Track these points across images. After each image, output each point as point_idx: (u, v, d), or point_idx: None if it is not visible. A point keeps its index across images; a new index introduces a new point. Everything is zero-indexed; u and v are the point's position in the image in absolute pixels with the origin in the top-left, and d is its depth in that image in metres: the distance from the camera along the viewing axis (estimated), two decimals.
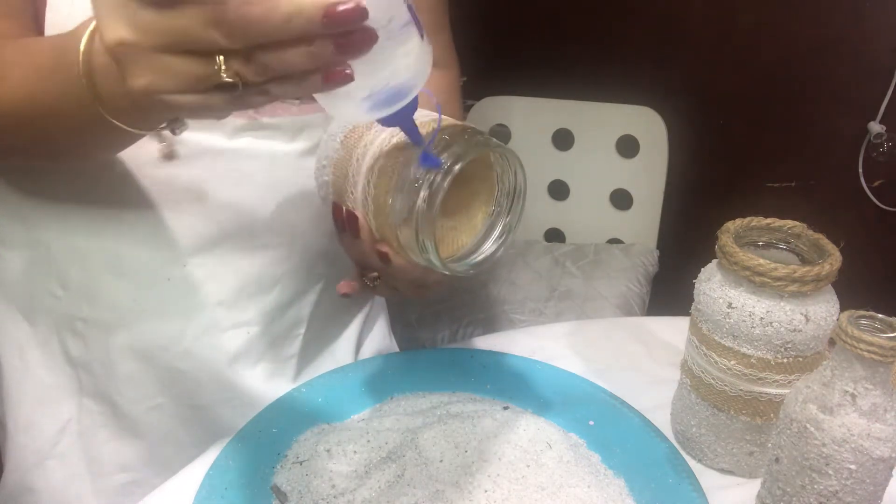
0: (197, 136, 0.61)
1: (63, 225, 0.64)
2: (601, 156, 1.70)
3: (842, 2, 1.55)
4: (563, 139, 1.72)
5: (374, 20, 0.34)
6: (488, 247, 0.51)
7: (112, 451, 0.71)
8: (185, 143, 0.61)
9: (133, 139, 0.49)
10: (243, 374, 0.70)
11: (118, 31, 0.35)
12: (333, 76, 0.35)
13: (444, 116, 0.48)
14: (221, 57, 0.35)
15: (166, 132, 0.47)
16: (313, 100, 0.40)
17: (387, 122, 0.43)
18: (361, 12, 0.33)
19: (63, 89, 0.44)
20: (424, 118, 0.48)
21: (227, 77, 0.35)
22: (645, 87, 1.66)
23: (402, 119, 0.43)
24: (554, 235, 1.80)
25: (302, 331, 0.74)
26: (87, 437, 0.70)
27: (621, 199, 1.71)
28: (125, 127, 0.44)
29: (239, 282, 0.67)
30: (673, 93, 1.64)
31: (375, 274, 0.55)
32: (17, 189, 0.64)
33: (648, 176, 1.67)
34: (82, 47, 0.41)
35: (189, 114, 0.39)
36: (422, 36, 0.39)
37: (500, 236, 0.51)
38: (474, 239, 0.51)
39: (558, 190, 1.76)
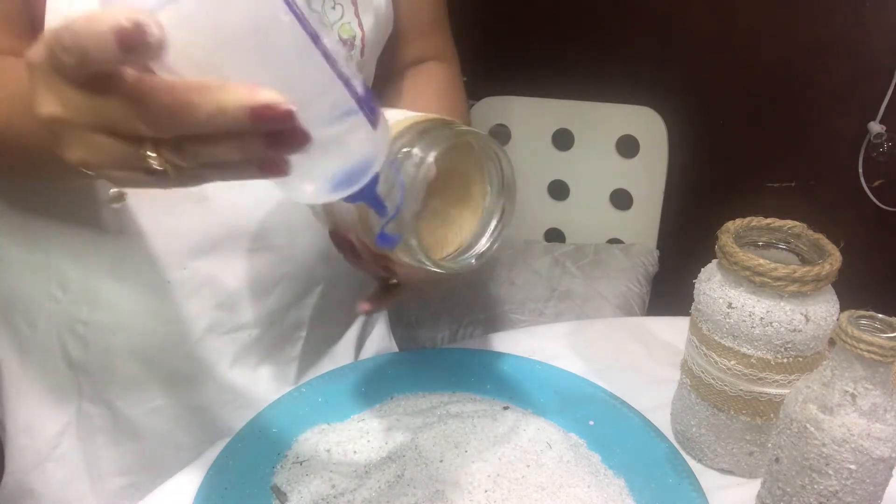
0: None
1: (62, 228, 0.64)
2: (601, 156, 1.70)
3: (842, 2, 1.55)
4: (563, 139, 1.72)
5: (313, 112, 0.33)
6: (485, 241, 0.50)
7: (111, 454, 0.71)
8: None
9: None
10: (244, 377, 0.70)
11: (50, 106, 0.34)
12: (269, 168, 0.34)
13: (424, 114, 0.47)
14: (148, 144, 0.34)
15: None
16: None
17: (349, 199, 0.40)
18: (288, 115, 0.31)
19: (30, 121, 0.44)
20: (399, 116, 0.47)
21: (156, 164, 0.34)
22: (645, 87, 1.66)
23: (366, 195, 0.40)
24: (554, 235, 1.80)
25: (303, 333, 0.74)
26: (86, 439, 0.70)
27: (621, 199, 1.71)
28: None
29: (239, 284, 0.67)
30: (673, 93, 1.64)
31: (395, 280, 0.56)
32: (16, 193, 0.64)
33: (648, 176, 1.67)
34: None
35: (127, 186, 0.38)
36: (374, 125, 0.37)
37: (495, 228, 0.50)
38: (470, 234, 0.51)
39: (558, 190, 1.76)
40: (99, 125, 0.34)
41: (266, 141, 0.32)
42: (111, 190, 0.46)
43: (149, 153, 0.34)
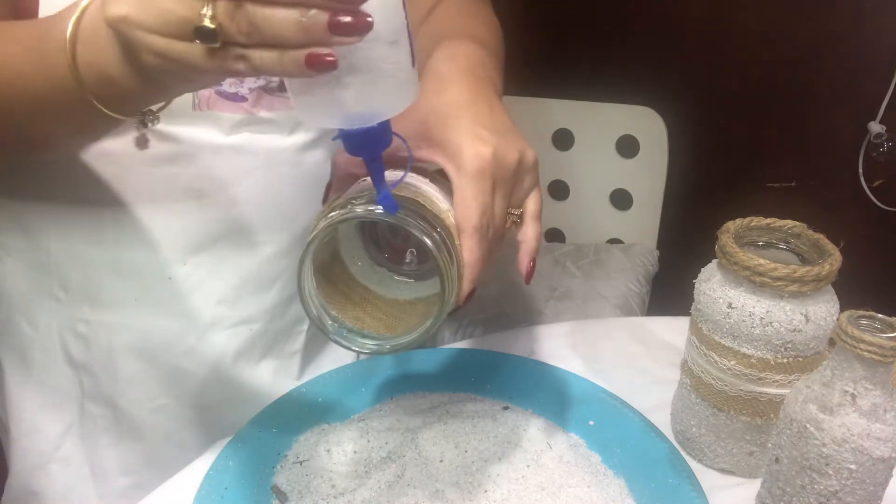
0: (194, 132, 0.61)
1: (62, 227, 0.64)
2: (601, 156, 1.70)
3: (842, 2, 1.55)
4: (563, 139, 1.72)
5: (376, 33, 0.34)
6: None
7: (115, 454, 0.70)
8: (183, 141, 0.61)
9: (111, 125, 0.48)
10: (247, 372, 0.70)
11: None
12: (316, 59, 0.34)
13: (416, 185, 0.47)
14: (209, 2, 0.34)
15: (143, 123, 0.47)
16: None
17: (352, 146, 0.40)
18: None
19: (45, 70, 0.43)
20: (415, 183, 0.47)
21: (209, 23, 0.34)
22: (645, 87, 1.65)
23: (370, 147, 0.40)
24: (554, 235, 1.80)
25: (304, 327, 0.74)
26: (89, 440, 0.70)
27: (621, 199, 1.71)
28: (102, 108, 0.43)
29: (240, 279, 0.67)
30: (673, 93, 1.64)
31: None
32: (16, 192, 0.64)
33: (648, 176, 1.67)
34: (70, 25, 0.41)
35: (161, 65, 0.37)
36: (413, 64, 0.38)
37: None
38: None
39: (558, 190, 1.76)
40: None
41: (329, 20, 0.33)
42: (136, 133, 0.45)
43: (206, 10, 0.34)
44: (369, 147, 0.40)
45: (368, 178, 0.48)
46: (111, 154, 0.60)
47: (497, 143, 0.49)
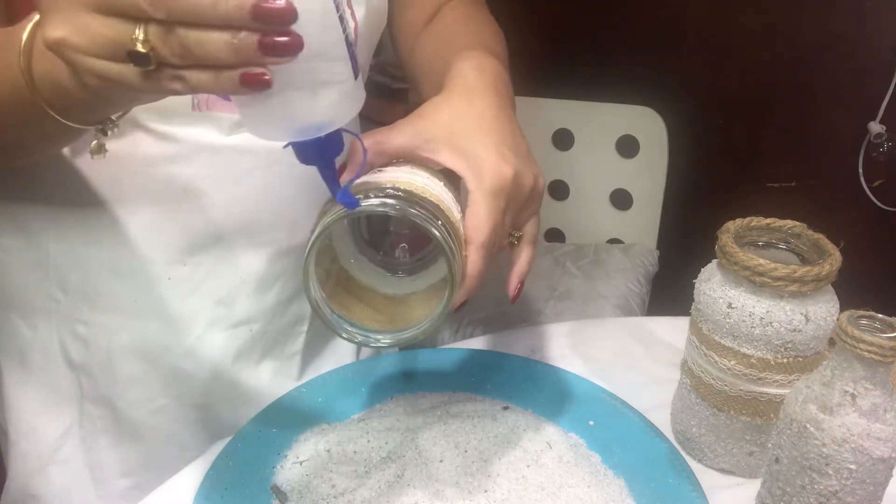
0: (193, 132, 0.61)
1: (61, 228, 0.64)
2: (601, 156, 1.70)
3: (842, 2, 1.55)
4: (563, 139, 1.72)
5: (308, 46, 0.34)
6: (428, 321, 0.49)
7: (114, 455, 0.70)
8: (181, 141, 0.60)
9: (73, 133, 0.48)
10: (247, 373, 0.70)
11: None
12: (250, 78, 0.34)
13: (389, 175, 0.47)
14: (141, 26, 0.34)
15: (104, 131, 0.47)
16: None
17: (304, 156, 0.41)
18: (292, 12, 0.32)
19: (5, 79, 0.44)
20: (394, 173, 0.47)
21: (141, 47, 0.34)
22: (645, 87, 1.65)
23: (321, 156, 0.41)
24: (554, 235, 1.80)
25: (304, 328, 0.74)
26: (88, 442, 0.70)
27: (621, 199, 1.71)
28: (60, 119, 0.43)
29: (239, 279, 0.67)
30: (673, 93, 1.64)
31: None
32: (15, 193, 0.64)
33: (648, 176, 1.67)
34: (24, 37, 0.41)
35: (100, 84, 0.38)
36: (356, 75, 0.38)
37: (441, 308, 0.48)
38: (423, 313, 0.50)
39: (558, 190, 1.76)
40: (99, 0, 0.34)
41: (260, 41, 0.33)
42: (92, 142, 0.46)
43: (137, 34, 0.34)
44: (319, 157, 0.41)
45: (378, 172, 0.49)
46: (109, 155, 0.60)
47: (518, 166, 0.51)
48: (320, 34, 0.35)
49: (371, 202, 0.44)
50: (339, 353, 0.78)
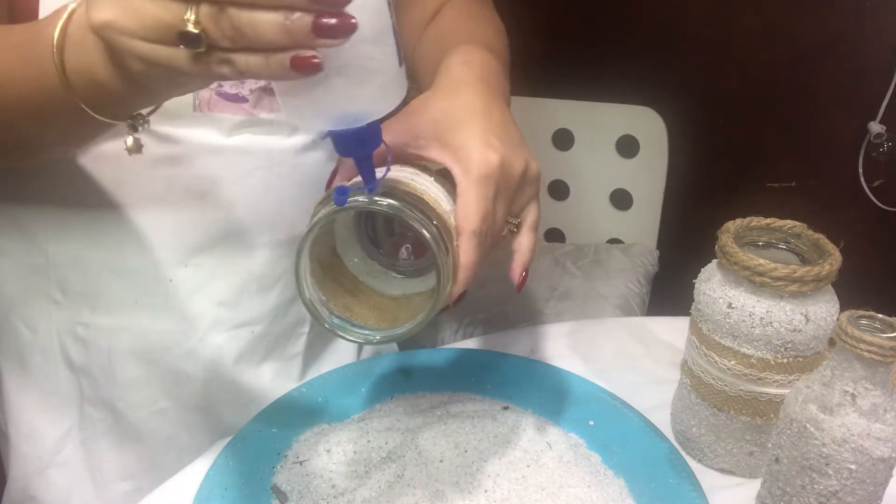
0: (194, 133, 0.61)
1: (61, 229, 0.63)
2: (601, 156, 1.70)
3: (842, 2, 1.55)
4: (563, 139, 1.72)
5: (359, 30, 0.33)
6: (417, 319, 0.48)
7: (114, 458, 0.70)
8: (182, 142, 0.60)
9: (101, 129, 0.48)
10: (248, 374, 0.70)
11: None
12: (301, 62, 0.34)
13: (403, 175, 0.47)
14: (193, 7, 0.34)
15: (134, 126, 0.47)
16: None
17: (342, 147, 0.40)
18: None
19: (35, 75, 0.43)
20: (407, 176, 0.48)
21: (193, 28, 0.34)
22: (645, 87, 1.65)
23: (360, 147, 0.40)
24: (554, 235, 1.80)
25: (305, 329, 0.74)
26: (88, 444, 0.70)
27: (621, 199, 1.71)
28: (92, 113, 0.43)
29: (241, 281, 0.67)
30: (673, 93, 1.64)
31: None
32: (14, 194, 0.64)
33: (648, 176, 1.67)
34: (57, 31, 0.41)
35: (146, 70, 0.38)
36: (400, 63, 0.38)
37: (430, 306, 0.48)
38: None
39: (558, 190, 1.76)
40: None
41: (314, 22, 0.33)
42: (126, 139, 0.46)
43: (189, 15, 0.34)
44: (359, 147, 0.40)
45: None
46: (110, 156, 0.60)
47: (505, 152, 0.50)
48: (371, 18, 0.35)
49: (359, 199, 0.44)
50: (340, 355, 0.78)
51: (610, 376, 0.73)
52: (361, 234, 0.52)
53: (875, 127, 1.60)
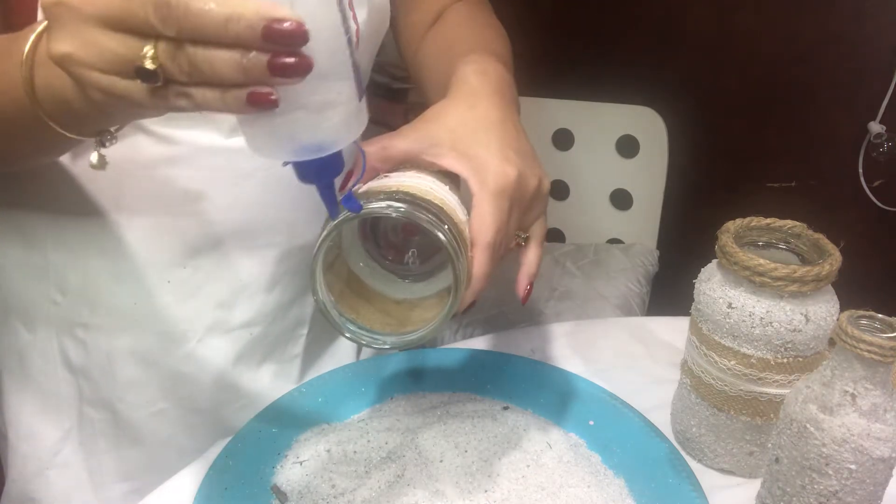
0: (193, 134, 0.60)
1: (60, 230, 0.63)
2: (601, 156, 1.70)
3: (842, 2, 1.55)
4: (563, 139, 1.72)
5: (315, 67, 0.34)
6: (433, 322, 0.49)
7: (113, 459, 0.70)
8: (181, 143, 0.60)
9: (70, 144, 0.48)
10: (247, 376, 0.70)
11: None
12: (257, 98, 0.34)
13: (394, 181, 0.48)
14: (151, 43, 0.34)
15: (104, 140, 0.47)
16: None
17: (303, 175, 0.41)
18: (303, 34, 0.32)
19: (5, 88, 0.43)
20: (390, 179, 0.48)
21: (150, 64, 0.34)
22: (645, 87, 1.65)
23: (320, 176, 0.41)
24: (554, 235, 1.80)
25: (304, 331, 0.74)
26: (88, 445, 0.70)
27: (621, 199, 1.71)
28: (57, 129, 0.43)
29: (239, 282, 0.67)
30: (673, 93, 1.64)
31: None
32: (12, 197, 0.64)
33: (648, 176, 1.67)
34: (27, 47, 0.41)
35: (105, 99, 0.38)
36: (360, 96, 0.38)
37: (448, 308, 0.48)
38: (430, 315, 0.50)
39: (558, 190, 1.76)
40: (105, 15, 0.34)
41: (269, 62, 0.33)
42: (92, 156, 0.46)
43: (147, 50, 0.34)
44: (319, 176, 0.41)
45: (384, 177, 0.49)
46: (109, 157, 0.60)
47: (521, 167, 0.51)
48: (328, 55, 0.35)
49: (376, 205, 0.45)
50: (340, 356, 0.78)
51: (610, 376, 0.73)
52: (366, 240, 0.52)
53: (875, 127, 1.60)
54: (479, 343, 0.80)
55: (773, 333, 0.56)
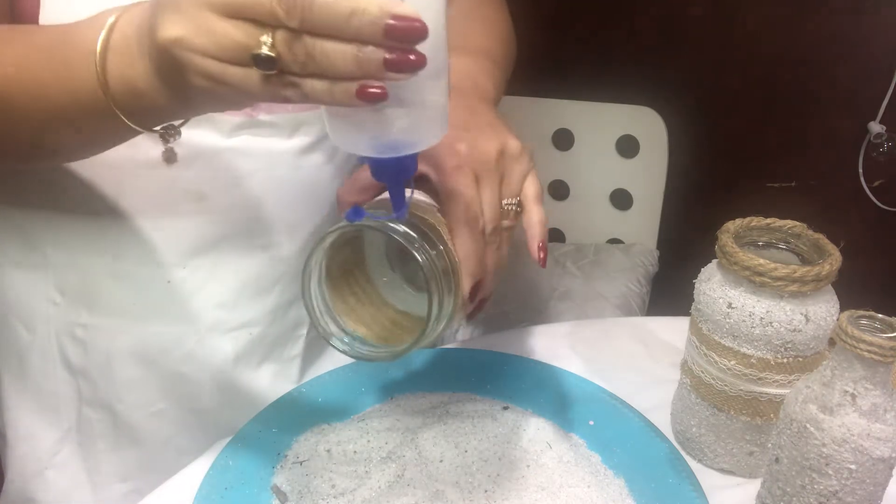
0: (194, 135, 0.60)
1: (59, 230, 0.63)
2: (601, 156, 1.70)
3: (842, 2, 1.55)
4: (563, 139, 1.72)
5: (425, 69, 0.34)
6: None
7: (112, 459, 0.70)
8: (182, 144, 0.60)
9: (127, 137, 0.48)
10: (246, 376, 0.70)
11: None
12: (368, 92, 0.35)
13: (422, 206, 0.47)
14: (270, 32, 0.34)
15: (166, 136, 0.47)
16: None
17: (379, 173, 0.41)
18: (424, 31, 0.33)
19: (66, 79, 0.44)
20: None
21: (267, 50, 0.34)
22: (645, 87, 1.65)
23: (396, 175, 0.41)
24: (554, 235, 1.80)
25: (304, 331, 0.74)
26: (86, 445, 0.70)
27: (621, 199, 1.71)
28: (126, 121, 0.43)
29: (239, 282, 0.67)
30: (673, 93, 1.64)
31: None
32: (12, 197, 0.64)
33: (648, 176, 1.67)
34: (101, 37, 0.41)
35: (210, 87, 0.38)
36: (448, 98, 0.39)
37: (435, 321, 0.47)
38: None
39: (558, 190, 1.76)
40: (231, 3, 0.35)
41: (386, 58, 0.34)
42: (163, 148, 0.46)
43: (266, 39, 0.34)
44: (396, 175, 0.41)
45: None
46: (109, 157, 0.60)
47: (472, 138, 0.51)
48: (434, 55, 0.36)
49: (370, 222, 0.44)
50: (340, 356, 0.77)
51: (610, 376, 0.73)
52: (391, 254, 0.52)
53: (875, 127, 1.60)
54: (479, 343, 0.80)
55: (773, 333, 0.56)
